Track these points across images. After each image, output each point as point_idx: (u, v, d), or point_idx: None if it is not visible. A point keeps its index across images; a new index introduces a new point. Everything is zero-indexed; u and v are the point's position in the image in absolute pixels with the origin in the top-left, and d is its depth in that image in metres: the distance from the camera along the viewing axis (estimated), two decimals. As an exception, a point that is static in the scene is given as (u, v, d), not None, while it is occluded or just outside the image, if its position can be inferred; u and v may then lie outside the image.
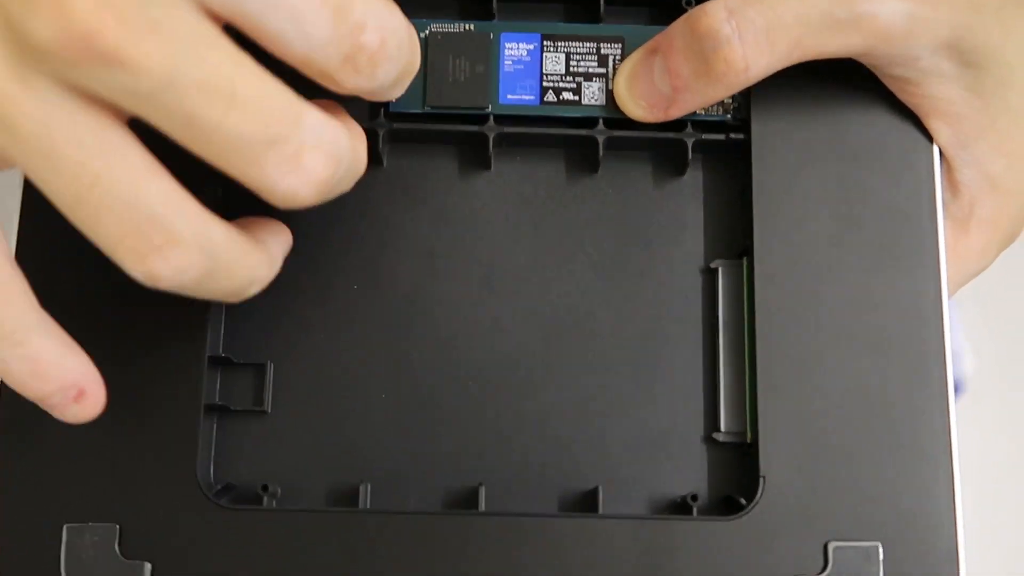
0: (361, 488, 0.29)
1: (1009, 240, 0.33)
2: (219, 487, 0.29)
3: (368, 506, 0.29)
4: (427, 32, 0.32)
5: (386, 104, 0.31)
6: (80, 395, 0.26)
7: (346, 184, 0.27)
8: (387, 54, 0.25)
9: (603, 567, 0.28)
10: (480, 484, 0.30)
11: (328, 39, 0.24)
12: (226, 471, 0.30)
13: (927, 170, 0.31)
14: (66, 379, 0.26)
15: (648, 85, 0.31)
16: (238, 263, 0.26)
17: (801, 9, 0.29)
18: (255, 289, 0.27)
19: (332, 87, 0.25)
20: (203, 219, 0.25)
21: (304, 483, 0.30)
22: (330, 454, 0.30)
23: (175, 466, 0.28)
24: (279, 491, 0.30)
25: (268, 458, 0.30)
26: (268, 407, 0.30)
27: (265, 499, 0.29)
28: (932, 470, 0.29)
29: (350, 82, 0.25)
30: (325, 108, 0.27)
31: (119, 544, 0.28)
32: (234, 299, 0.27)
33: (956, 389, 0.81)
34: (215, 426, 0.30)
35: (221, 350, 0.30)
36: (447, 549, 0.28)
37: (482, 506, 0.29)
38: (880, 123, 0.31)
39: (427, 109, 0.31)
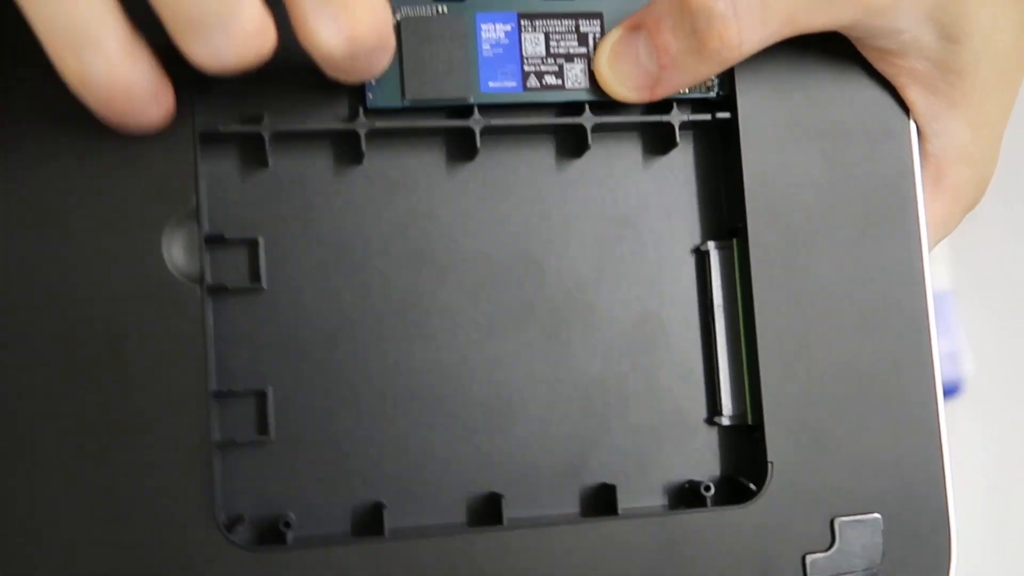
0: (384, 512, 0.29)
1: (970, 208, 0.34)
2: (237, 527, 0.28)
3: (389, 527, 0.29)
4: (399, 17, 0.30)
5: (364, 100, 0.29)
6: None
7: (381, 63, 0.27)
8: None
9: (626, 566, 0.29)
10: (500, 495, 0.29)
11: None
12: (236, 506, 0.29)
13: (906, 141, 0.32)
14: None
15: (632, 64, 0.30)
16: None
17: None
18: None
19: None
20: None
21: (318, 509, 0.29)
22: (341, 475, 0.29)
23: (192, 511, 0.27)
24: (295, 520, 0.29)
25: (279, 488, 0.29)
26: (272, 435, 0.29)
27: (287, 534, 0.28)
28: (923, 440, 0.31)
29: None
30: None
31: (139, 598, 0.27)
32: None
33: (956, 390, 0.83)
34: (221, 462, 0.29)
35: (216, 381, 0.29)
36: (473, 566, 0.28)
37: (504, 516, 0.29)
38: (860, 95, 0.31)
39: (407, 103, 0.30)
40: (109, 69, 0.25)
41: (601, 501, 0.30)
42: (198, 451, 0.27)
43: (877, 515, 0.30)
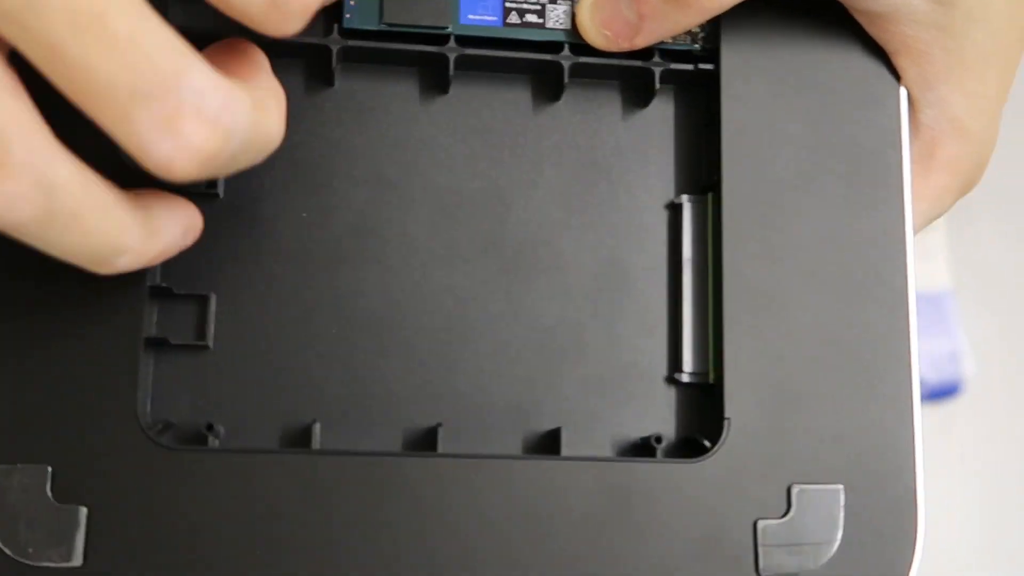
0: (312, 428, 0.28)
1: (966, 188, 0.32)
2: (159, 426, 0.27)
3: (319, 446, 0.28)
4: (383, -57, 0.30)
5: (340, 19, 0.29)
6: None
7: (247, 160, 0.24)
8: None
9: (565, 510, 0.27)
10: (438, 425, 0.28)
11: None
12: (166, 409, 0.28)
13: (894, 108, 0.31)
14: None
15: (613, 13, 0.29)
16: (89, 216, 0.22)
17: None
18: (126, 261, 0.24)
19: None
20: (50, 152, 0.22)
21: (250, 422, 0.28)
22: (278, 391, 0.28)
23: (112, 403, 0.26)
24: (223, 430, 0.28)
25: (211, 396, 0.28)
26: (211, 342, 0.28)
27: (210, 439, 0.27)
28: (894, 413, 0.29)
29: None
30: (234, 68, 0.24)
31: (51, 487, 0.26)
32: (96, 267, 0.24)
33: (956, 390, 0.82)
34: (153, 361, 0.28)
35: (159, 279, 0.28)
36: (404, 491, 0.27)
37: (440, 447, 0.28)
38: (850, 59, 0.31)
39: (383, 26, 0.29)
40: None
41: (546, 446, 0.29)
42: (127, 346, 0.26)
43: (839, 486, 0.28)
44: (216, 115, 0.22)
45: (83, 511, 0.26)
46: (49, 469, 0.26)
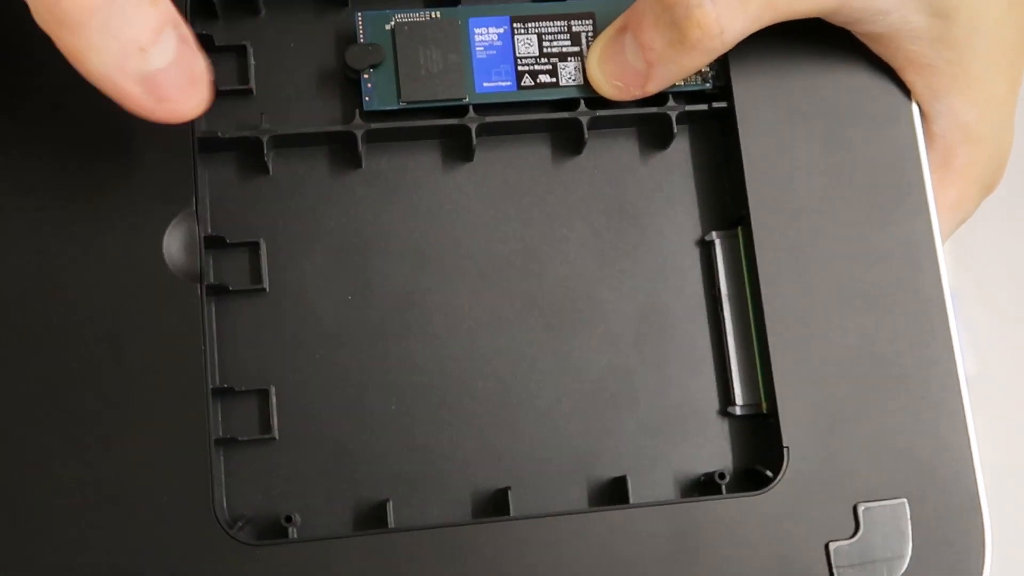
0: (387, 506, 0.28)
1: (986, 191, 0.33)
2: (239, 524, 0.28)
3: (394, 523, 0.28)
4: (392, 23, 0.30)
5: (360, 104, 0.30)
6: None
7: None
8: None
9: (639, 555, 0.28)
10: (507, 488, 0.29)
11: None
12: (239, 505, 0.29)
13: (908, 122, 0.31)
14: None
15: (620, 64, 0.30)
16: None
17: None
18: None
19: None
20: None
21: (323, 507, 0.29)
22: (345, 473, 0.29)
23: (192, 508, 0.27)
24: (299, 519, 0.28)
25: (283, 486, 0.29)
26: (276, 433, 0.29)
27: (289, 530, 0.28)
28: (947, 420, 0.30)
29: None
30: None
31: (143, 596, 0.26)
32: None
33: None
34: (223, 459, 0.29)
35: (219, 381, 0.29)
36: (481, 558, 0.28)
37: (512, 510, 0.29)
38: (858, 79, 0.31)
39: (403, 105, 0.30)
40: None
41: (612, 494, 0.30)
42: (197, 448, 0.27)
43: (903, 499, 0.29)
44: None
45: None
46: None
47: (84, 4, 0.24)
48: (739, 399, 0.30)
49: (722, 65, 0.31)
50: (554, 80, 0.31)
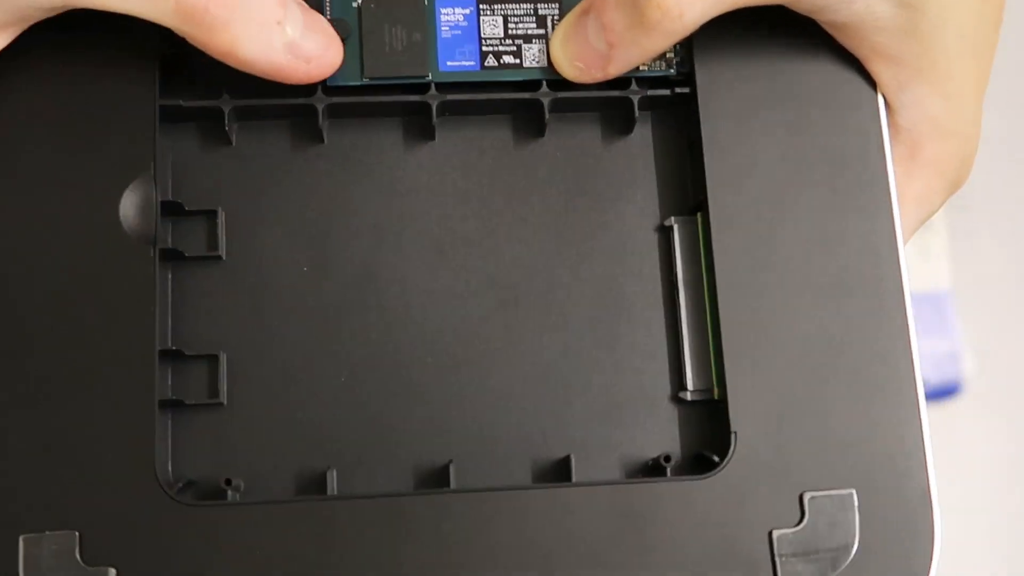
0: (328, 474, 0.29)
1: (953, 187, 0.33)
2: (180, 485, 0.28)
3: (336, 492, 0.29)
4: (359, 1, 0.31)
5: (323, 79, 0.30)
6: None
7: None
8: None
9: (580, 535, 0.28)
10: (449, 461, 0.29)
11: None
12: (185, 468, 0.29)
13: (872, 112, 0.31)
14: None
15: (583, 45, 0.30)
16: None
17: None
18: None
19: None
20: None
21: (268, 474, 0.29)
22: (292, 442, 0.29)
23: (133, 466, 0.27)
24: (242, 484, 0.29)
25: (228, 451, 0.29)
26: (224, 399, 0.29)
27: (229, 493, 0.28)
28: (900, 413, 0.29)
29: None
30: None
31: (80, 551, 0.27)
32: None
33: (956, 390, 0.82)
34: (170, 422, 0.29)
35: (170, 343, 0.29)
36: (421, 529, 0.28)
37: (453, 483, 0.29)
38: (823, 68, 0.31)
39: (365, 81, 0.30)
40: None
41: (557, 474, 0.29)
42: (142, 408, 0.27)
43: (851, 490, 0.29)
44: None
45: (112, 572, 0.27)
46: (77, 534, 0.27)
47: (226, 3, 0.27)
48: (691, 384, 0.30)
49: (687, 51, 0.31)
50: (518, 62, 0.31)
